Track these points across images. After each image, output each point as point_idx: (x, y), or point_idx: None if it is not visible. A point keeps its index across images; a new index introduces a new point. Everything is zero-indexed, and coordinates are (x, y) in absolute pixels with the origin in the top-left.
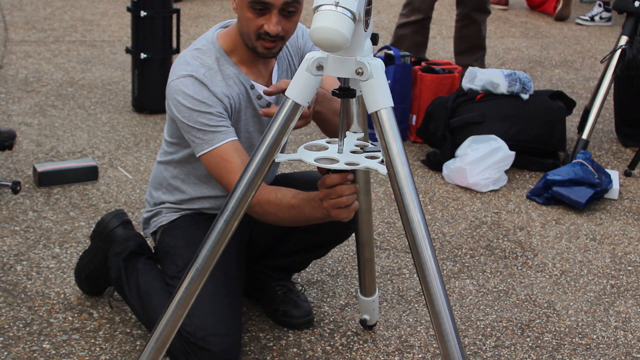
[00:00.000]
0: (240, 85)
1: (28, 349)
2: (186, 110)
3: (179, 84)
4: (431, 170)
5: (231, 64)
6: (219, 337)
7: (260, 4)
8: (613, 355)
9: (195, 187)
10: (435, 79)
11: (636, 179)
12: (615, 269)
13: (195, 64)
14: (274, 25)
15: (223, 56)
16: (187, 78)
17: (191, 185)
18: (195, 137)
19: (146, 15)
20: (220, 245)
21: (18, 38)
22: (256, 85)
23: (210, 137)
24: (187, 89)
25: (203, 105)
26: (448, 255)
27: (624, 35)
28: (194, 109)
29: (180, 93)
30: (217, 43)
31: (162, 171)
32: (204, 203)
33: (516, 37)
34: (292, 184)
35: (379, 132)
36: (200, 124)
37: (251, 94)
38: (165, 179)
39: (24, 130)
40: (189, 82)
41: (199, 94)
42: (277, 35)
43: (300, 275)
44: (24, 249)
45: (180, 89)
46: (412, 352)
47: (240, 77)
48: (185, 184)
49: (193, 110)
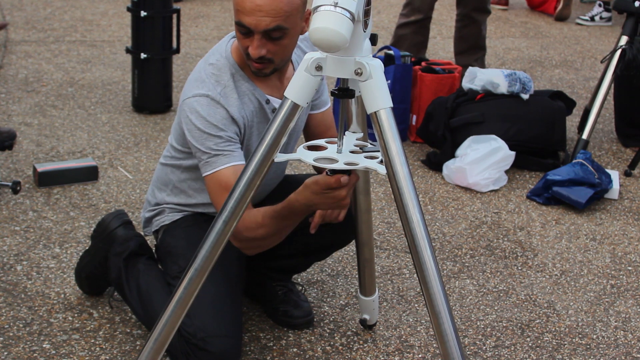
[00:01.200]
0: (255, 101)
1: (28, 349)
2: (197, 131)
3: (194, 102)
4: (431, 170)
5: (246, 79)
6: (219, 338)
7: (242, 27)
8: (613, 355)
9: (202, 192)
10: (435, 79)
11: (636, 179)
12: (615, 269)
13: (210, 82)
14: (255, 49)
15: (238, 72)
16: (203, 98)
17: (197, 190)
18: (200, 158)
19: (146, 15)
20: (219, 245)
21: (18, 38)
22: (271, 100)
23: (213, 160)
24: (202, 109)
25: (214, 129)
26: (448, 255)
27: (624, 35)
28: (205, 131)
29: (194, 112)
30: (232, 58)
31: (168, 173)
32: (209, 208)
33: (516, 37)
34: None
35: (378, 132)
36: (207, 148)
37: (266, 109)
38: (172, 182)
39: (24, 130)
40: (204, 102)
41: (212, 116)
42: (263, 57)
43: (301, 275)
44: (24, 249)
45: (194, 107)
46: (412, 352)
47: (255, 92)
48: (191, 189)
49: (203, 132)
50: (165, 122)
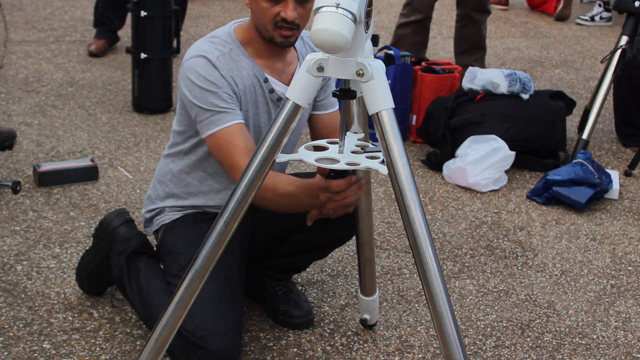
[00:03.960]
0: (254, 78)
1: (28, 349)
2: (197, 89)
3: (192, 63)
4: (431, 170)
5: (246, 55)
6: (219, 337)
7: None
8: (613, 355)
9: (202, 180)
10: (435, 79)
11: (636, 179)
12: (616, 269)
13: (209, 48)
14: (291, 11)
15: (239, 47)
16: (200, 58)
17: (197, 178)
18: (202, 117)
19: (146, 15)
20: (219, 246)
21: (18, 38)
22: (270, 79)
23: (217, 117)
24: (200, 68)
25: (213, 86)
26: (448, 255)
27: (624, 35)
28: (205, 89)
29: (193, 72)
30: (234, 35)
31: (168, 163)
32: (209, 198)
33: (516, 37)
34: None
35: (380, 133)
36: (210, 104)
37: (264, 87)
38: (171, 171)
39: (24, 130)
40: (201, 62)
41: (210, 75)
42: (294, 22)
43: (301, 275)
44: (24, 249)
45: (193, 68)
46: (412, 352)
47: (254, 69)
48: (190, 176)
49: (204, 90)
50: (165, 122)
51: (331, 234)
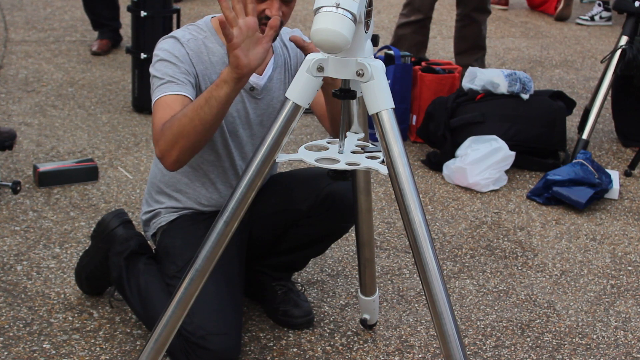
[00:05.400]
0: (225, 65)
1: (28, 349)
2: (159, 61)
3: (162, 42)
4: (431, 170)
5: (220, 44)
6: (219, 336)
7: None
8: (613, 355)
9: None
10: (435, 79)
11: (636, 179)
12: (616, 269)
13: (183, 33)
14: (276, 10)
15: (214, 35)
16: (171, 38)
17: (184, 174)
18: (154, 86)
19: (146, 15)
20: (219, 246)
21: (18, 38)
22: None
23: (167, 86)
24: (167, 45)
25: (175, 59)
26: (448, 255)
27: (624, 35)
28: (166, 60)
29: (160, 48)
30: (210, 24)
31: (157, 163)
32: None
33: (516, 37)
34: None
35: (380, 133)
36: (163, 74)
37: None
38: (160, 171)
39: (24, 130)
40: (171, 41)
41: (175, 50)
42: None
43: (300, 275)
44: (24, 249)
45: (161, 45)
46: (412, 352)
47: (225, 58)
48: (179, 173)
49: (164, 61)
50: None
51: (326, 228)
